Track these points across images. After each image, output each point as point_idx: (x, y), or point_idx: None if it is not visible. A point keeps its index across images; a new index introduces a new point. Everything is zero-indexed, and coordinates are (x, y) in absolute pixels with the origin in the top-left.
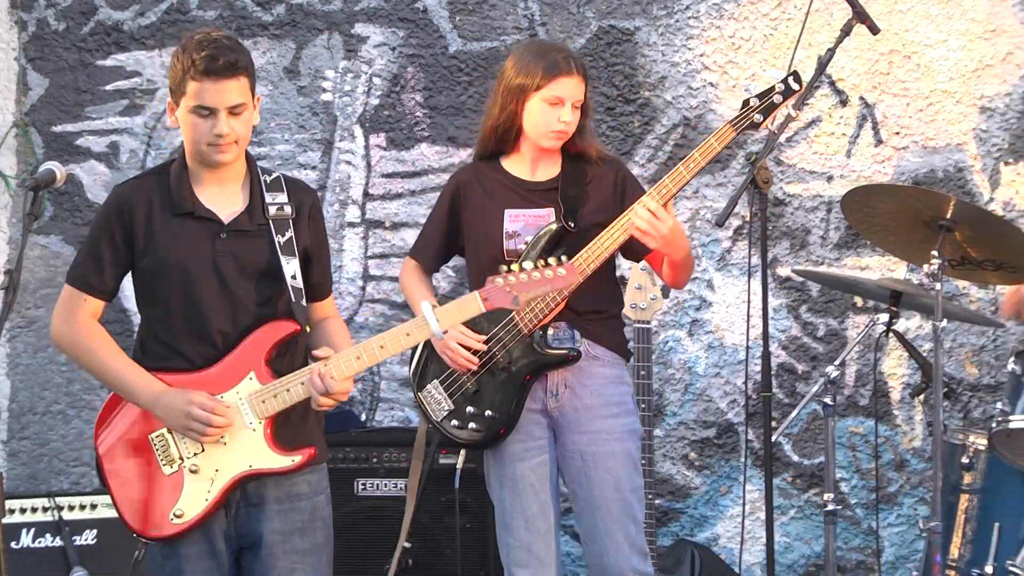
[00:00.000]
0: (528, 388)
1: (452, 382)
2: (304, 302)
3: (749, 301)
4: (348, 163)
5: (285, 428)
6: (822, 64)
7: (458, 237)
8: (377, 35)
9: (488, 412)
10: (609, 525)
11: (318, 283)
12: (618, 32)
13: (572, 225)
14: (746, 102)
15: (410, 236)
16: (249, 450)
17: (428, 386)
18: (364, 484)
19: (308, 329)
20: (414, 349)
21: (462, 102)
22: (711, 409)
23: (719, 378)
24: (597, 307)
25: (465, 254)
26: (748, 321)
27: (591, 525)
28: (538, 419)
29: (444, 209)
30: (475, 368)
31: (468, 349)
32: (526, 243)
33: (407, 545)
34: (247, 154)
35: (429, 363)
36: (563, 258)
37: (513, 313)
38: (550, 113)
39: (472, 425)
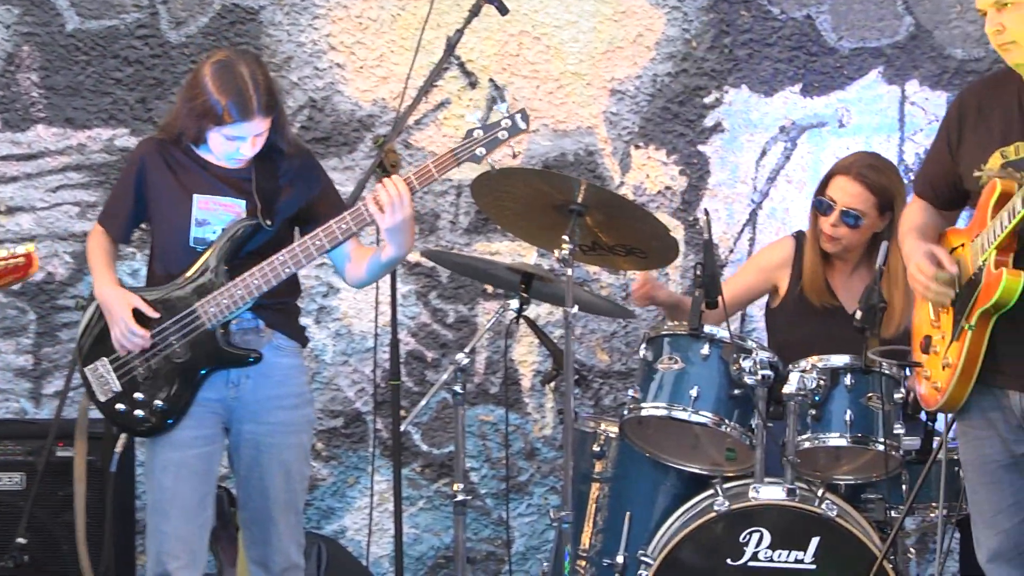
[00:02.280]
0: (203, 381)
1: (123, 363)
2: None
3: (377, 287)
4: None
5: None
6: (451, 45)
7: (145, 208)
8: None
9: (157, 401)
10: (275, 515)
11: None
12: (242, 11)
13: (270, 224)
14: (470, 132)
15: (26, 222)
16: None
17: (96, 363)
18: None
19: None
20: (87, 321)
21: (80, 82)
22: (339, 398)
23: (347, 366)
24: (280, 297)
25: (151, 231)
26: (376, 308)
27: (257, 514)
28: (214, 408)
29: (130, 181)
30: (146, 349)
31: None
32: (215, 233)
33: (22, 541)
34: None
35: (103, 338)
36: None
37: (196, 305)
38: (231, 144)
39: (139, 413)
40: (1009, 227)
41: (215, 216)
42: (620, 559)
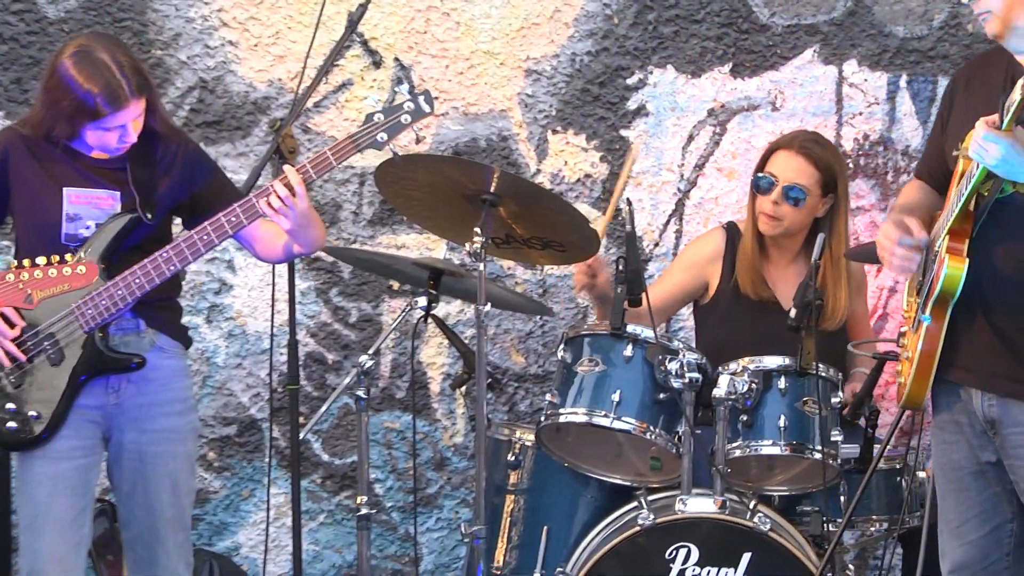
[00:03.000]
0: (81, 388)
1: None
2: None
3: (274, 284)
4: None
5: None
6: (353, 21)
7: (7, 201)
8: None
9: (31, 411)
10: (162, 532)
11: None
12: None
13: (150, 216)
14: (370, 116)
15: None
16: None
17: None
18: None
19: None
20: None
21: None
22: (232, 404)
23: (241, 369)
24: (161, 294)
25: (15, 225)
26: (273, 306)
27: (142, 531)
28: (93, 416)
29: None
30: (19, 360)
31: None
32: (88, 228)
33: None
34: None
35: None
36: (82, 254)
37: (72, 306)
38: (111, 135)
39: (11, 424)
40: (958, 209)
41: (88, 211)
42: None
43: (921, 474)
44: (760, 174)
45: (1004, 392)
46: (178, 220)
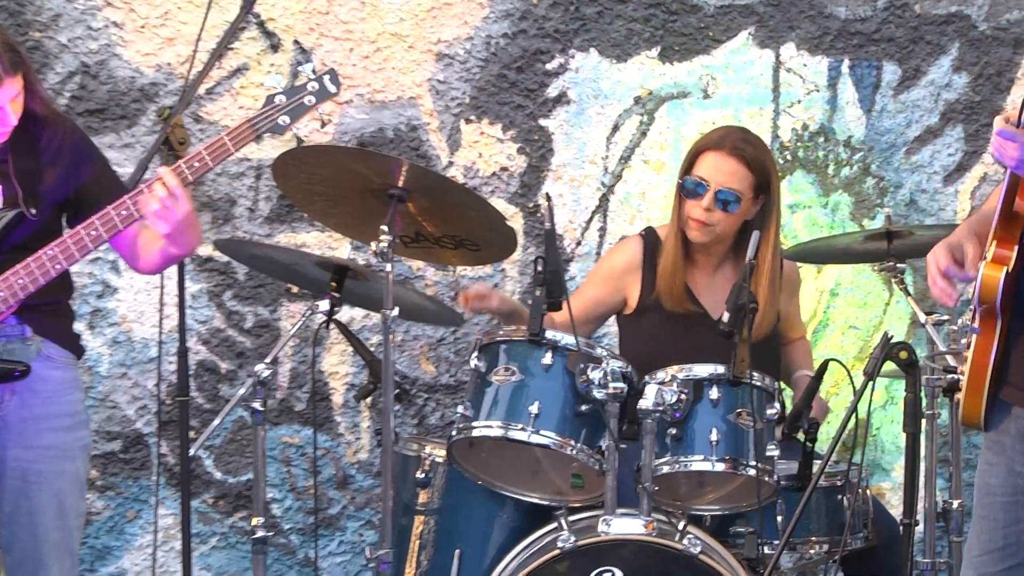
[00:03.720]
0: None
1: None
2: None
3: (162, 286)
4: None
5: None
6: (248, 1)
7: None
8: None
9: None
10: (47, 558)
11: None
12: None
13: (34, 212)
14: (271, 98)
15: None
16: None
17: None
18: None
19: None
20: None
21: None
22: (116, 417)
23: (126, 379)
24: (50, 296)
25: None
26: (161, 311)
27: (25, 557)
28: None
29: None
30: None
31: None
32: None
33: None
34: None
35: None
36: None
37: None
38: None
39: None
40: (997, 213)
41: None
42: None
43: (865, 492)
44: (688, 177)
45: None
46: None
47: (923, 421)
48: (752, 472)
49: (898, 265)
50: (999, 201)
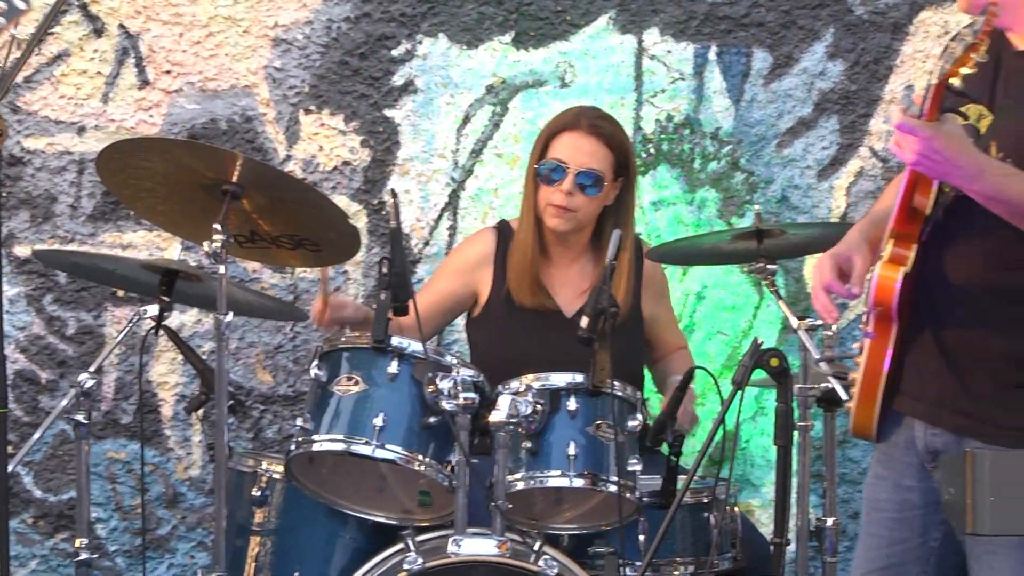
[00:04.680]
0: None
1: None
2: None
3: None
4: None
5: None
6: None
7: None
8: None
9: None
10: None
11: None
12: None
13: None
14: None
15: None
16: None
17: None
18: None
19: None
20: None
21: None
22: None
23: None
24: None
25: None
26: None
27: None
28: None
29: None
30: None
31: None
32: None
33: None
34: None
35: None
36: None
37: None
38: None
39: None
40: (895, 211)
41: None
42: None
43: (733, 509)
44: (544, 162)
45: (950, 427)
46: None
47: (795, 433)
48: (613, 488)
49: (769, 266)
50: (897, 198)
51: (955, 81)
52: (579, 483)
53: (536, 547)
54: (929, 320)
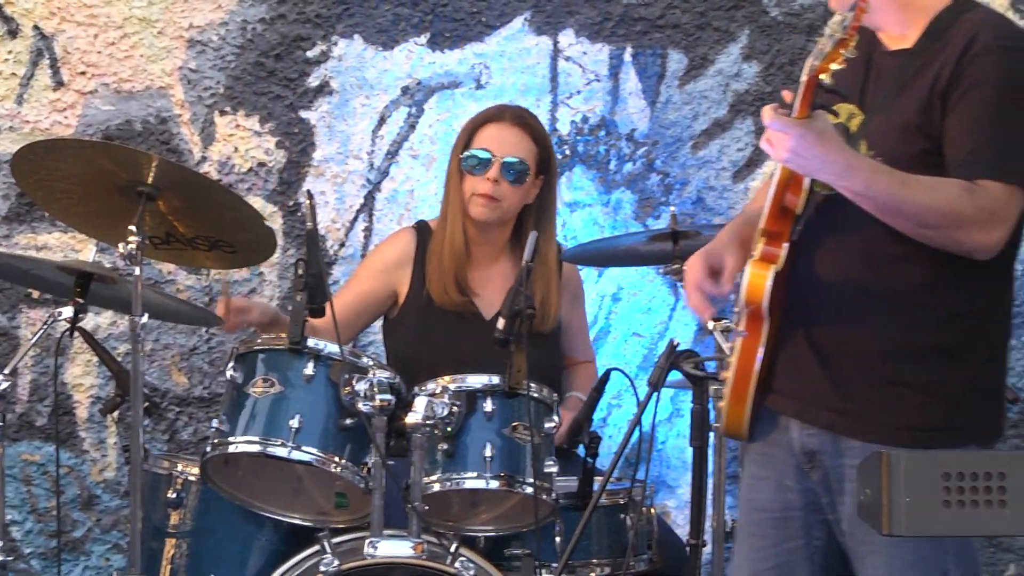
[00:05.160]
0: None
1: None
2: None
3: None
4: None
5: None
6: None
7: None
8: None
9: None
10: None
11: None
12: None
13: None
14: None
15: None
16: None
17: None
18: None
19: None
20: None
21: None
22: None
23: None
24: None
25: None
26: None
27: None
28: None
29: None
30: None
31: None
32: None
33: None
34: None
35: None
36: None
37: None
38: None
39: None
40: (767, 208)
41: None
42: None
43: (649, 511)
44: (470, 152)
45: (824, 424)
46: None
47: (711, 434)
48: (529, 490)
49: (684, 267)
50: (769, 196)
51: (825, 78)
52: (495, 485)
53: (452, 549)
54: (801, 318)
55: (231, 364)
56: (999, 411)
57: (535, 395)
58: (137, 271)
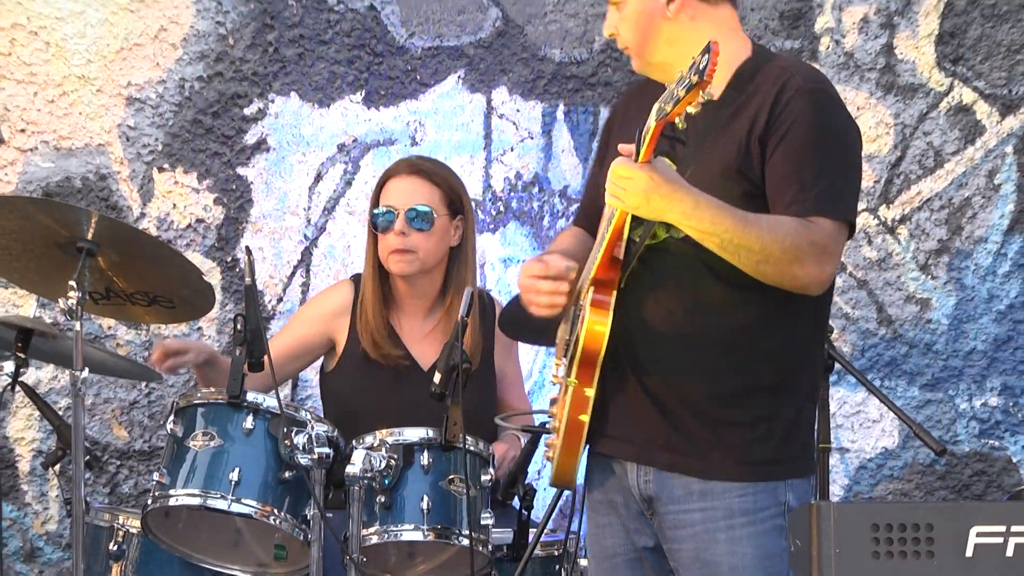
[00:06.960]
0: None
1: None
2: None
3: None
4: None
5: None
6: None
7: None
8: None
9: None
10: None
11: None
12: None
13: None
14: None
15: None
16: None
17: None
18: None
19: None
20: None
21: None
22: None
23: None
24: None
25: None
26: None
27: None
28: None
29: None
30: None
31: None
32: None
33: None
34: None
35: None
36: None
37: None
38: None
39: None
40: (598, 257)
41: None
42: None
43: (583, 562)
44: (376, 210)
45: (661, 465)
46: None
47: None
48: (465, 542)
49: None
50: (600, 243)
51: (679, 122)
52: (432, 536)
53: None
54: (631, 365)
55: (171, 417)
56: (813, 444)
57: (471, 448)
58: (77, 326)
